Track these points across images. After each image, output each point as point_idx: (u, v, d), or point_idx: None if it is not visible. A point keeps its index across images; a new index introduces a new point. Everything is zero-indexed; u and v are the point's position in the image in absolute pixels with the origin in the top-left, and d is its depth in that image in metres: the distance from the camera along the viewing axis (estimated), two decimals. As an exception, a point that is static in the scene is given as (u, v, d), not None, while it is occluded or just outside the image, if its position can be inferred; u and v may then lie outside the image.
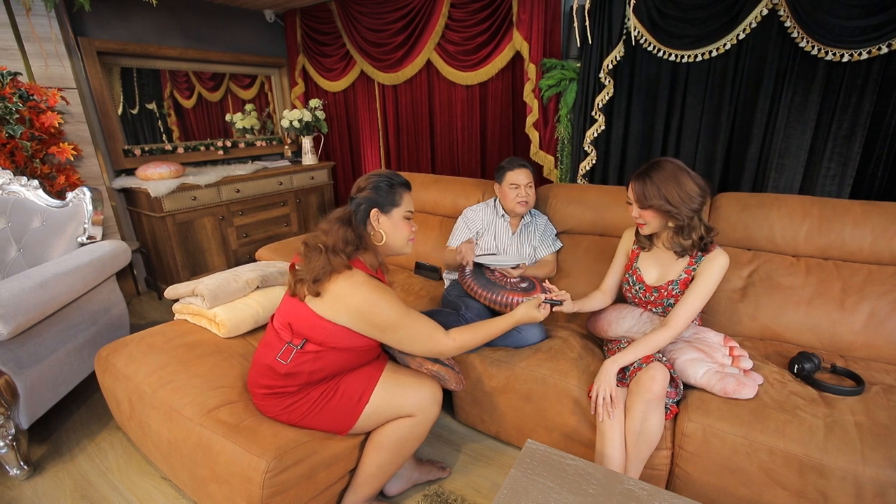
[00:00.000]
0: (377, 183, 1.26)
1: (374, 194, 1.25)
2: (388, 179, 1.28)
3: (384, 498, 1.48)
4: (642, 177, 1.38)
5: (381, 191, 1.26)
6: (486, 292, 1.64)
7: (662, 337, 1.36)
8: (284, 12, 3.76)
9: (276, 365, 1.22)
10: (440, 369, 1.38)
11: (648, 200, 1.37)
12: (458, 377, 1.43)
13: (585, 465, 1.07)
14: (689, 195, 1.34)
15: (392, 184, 1.28)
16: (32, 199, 2.06)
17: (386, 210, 1.26)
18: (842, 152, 1.96)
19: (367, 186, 1.26)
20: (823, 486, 1.13)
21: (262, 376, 1.26)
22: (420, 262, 2.40)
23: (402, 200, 1.29)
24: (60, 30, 2.60)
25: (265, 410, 1.26)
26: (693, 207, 1.35)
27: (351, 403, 1.24)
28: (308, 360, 1.21)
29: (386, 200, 1.26)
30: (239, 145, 3.72)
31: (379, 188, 1.26)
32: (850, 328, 1.53)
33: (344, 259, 1.16)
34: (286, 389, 1.23)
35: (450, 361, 1.47)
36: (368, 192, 1.25)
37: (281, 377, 1.22)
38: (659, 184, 1.35)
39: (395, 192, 1.28)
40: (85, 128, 2.76)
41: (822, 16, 1.81)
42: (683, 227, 1.39)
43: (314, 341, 1.20)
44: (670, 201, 1.34)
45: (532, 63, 2.61)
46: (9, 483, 1.57)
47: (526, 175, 1.89)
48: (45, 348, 1.63)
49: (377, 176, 1.28)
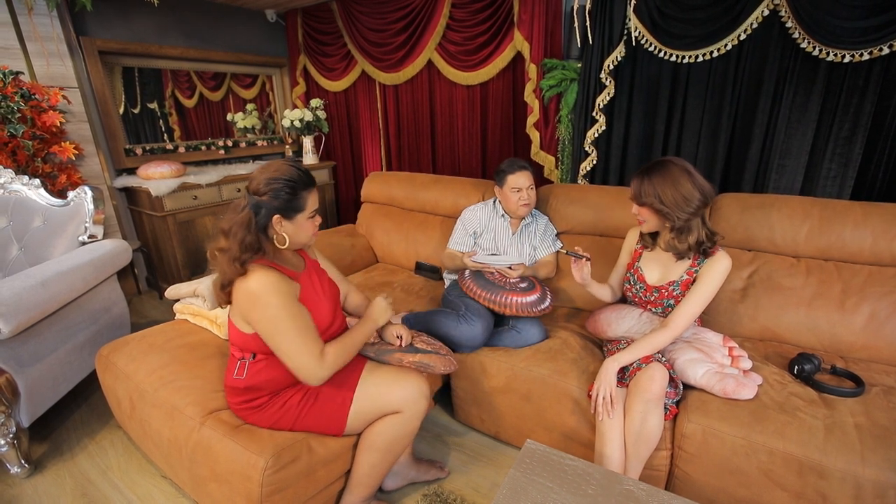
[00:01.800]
0: (277, 191, 1.14)
1: (274, 200, 1.14)
2: (290, 184, 1.15)
3: (381, 493, 1.48)
4: (642, 174, 1.39)
5: (282, 197, 1.14)
6: (484, 292, 1.64)
7: (663, 338, 1.36)
8: (286, 12, 3.76)
9: (234, 383, 1.23)
10: (422, 358, 1.34)
11: (643, 198, 1.38)
12: (444, 360, 1.38)
13: (585, 465, 1.07)
14: (685, 197, 1.32)
15: (294, 190, 1.16)
16: (34, 198, 2.07)
17: (289, 216, 1.17)
18: (843, 153, 1.96)
19: (267, 191, 1.14)
20: (823, 487, 1.13)
21: (230, 396, 1.27)
22: (420, 263, 2.40)
23: (307, 203, 1.19)
24: (62, 29, 2.61)
25: (258, 423, 1.24)
26: (688, 211, 1.33)
27: (335, 406, 1.24)
28: (261, 369, 1.20)
29: (288, 206, 1.16)
30: (240, 145, 3.72)
31: (279, 194, 1.14)
32: (850, 329, 1.53)
33: (239, 267, 1.10)
34: (256, 402, 1.23)
35: (431, 345, 1.44)
36: (268, 197, 1.14)
37: (243, 392, 1.22)
38: (655, 183, 1.35)
39: (298, 198, 1.17)
40: (86, 127, 2.77)
41: (824, 16, 1.81)
42: (681, 230, 1.38)
43: (256, 351, 1.19)
44: (663, 201, 1.34)
45: (533, 63, 2.61)
46: (9, 481, 1.57)
47: (527, 178, 1.89)
48: (45, 347, 1.63)
49: (277, 181, 1.14)
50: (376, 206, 2.74)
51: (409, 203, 2.58)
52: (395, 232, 2.56)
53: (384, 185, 2.69)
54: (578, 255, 1.49)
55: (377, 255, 2.67)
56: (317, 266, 1.36)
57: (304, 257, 1.33)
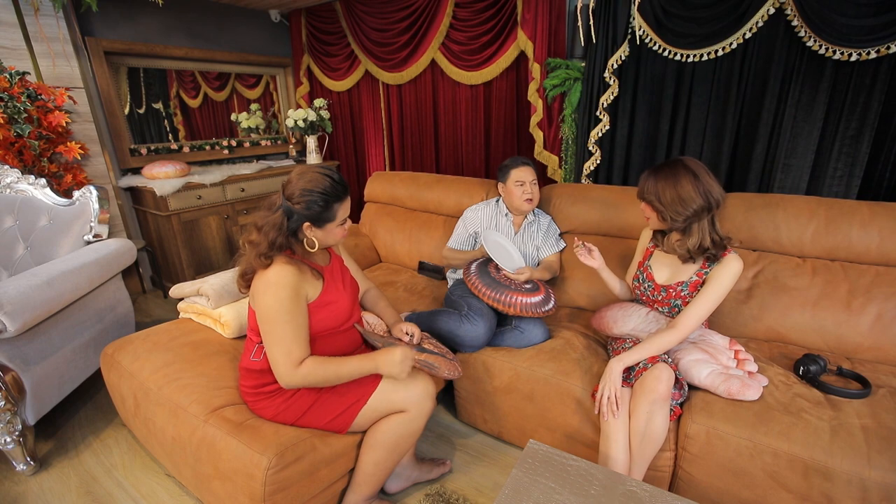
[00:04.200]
0: (310, 203, 1.17)
1: (306, 212, 1.17)
2: (324, 197, 1.18)
3: (385, 495, 1.48)
4: (651, 170, 1.40)
5: (315, 208, 1.17)
6: (490, 291, 1.63)
7: (669, 338, 1.35)
8: (289, 12, 3.77)
9: (251, 364, 1.26)
10: (427, 358, 1.34)
11: (644, 194, 1.40)
12: (450, 364, 1.39)
13: (587, 465, 1.07)
14: (682, 199, 1.31)
15: (327, 203, 1.18)
16: (40, 197, 2.08)
17: (320, 225, 1.21)
18: (849, 152, 1.94)
19: (301, 203, 1.17)
20: (828, 489, 1.12)
21: (244, 378, 1.30)
22: (423, 262, 2.40)
23: (338, 214, 1.22)
24: (68, 30, 2.63)
25: (263, 413, 1.26)
26: (684, 213, 1.32)
27: (348, 403, 1.24)
28: None
29: (320, 217, 1.20)
30: (244, 144, 3.73)
31: (312, 205, 1.17)
32: (856, 330, 1.51)
33: (265, 262, 1.15)
34: (269, 387, 1.25)
35: (439, 348, 1.45)
36: (301, 207, 1.17)
37: (258, 374, 1.25)
38: (658, 181, 1.36)
39: (331, 209, 1.20)
40: (92, 127, 2.79)
41: (830, 15, 1.79)
42: (683, 231, 1.38)
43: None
44: (661, 200, 1.34)
45: (536, 62, 2.60)
46: (15, 478, 1.59)
47: (531, 172, 1.89)
48: (51, 345, 1.65)
49: (311, 192, 1.17)
50: (379, 205, 2.74)
51: (412, 203, 2.58)
52: (399, 231, 2.56)
53: (387, 185, 2.69)
54: (588, 247, 1.56)
55: (380, 254, 2.67)
56: (341, 262, 1.41)
57: (330, 252, 1.39)
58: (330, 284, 1.27)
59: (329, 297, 1.25)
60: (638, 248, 1.66)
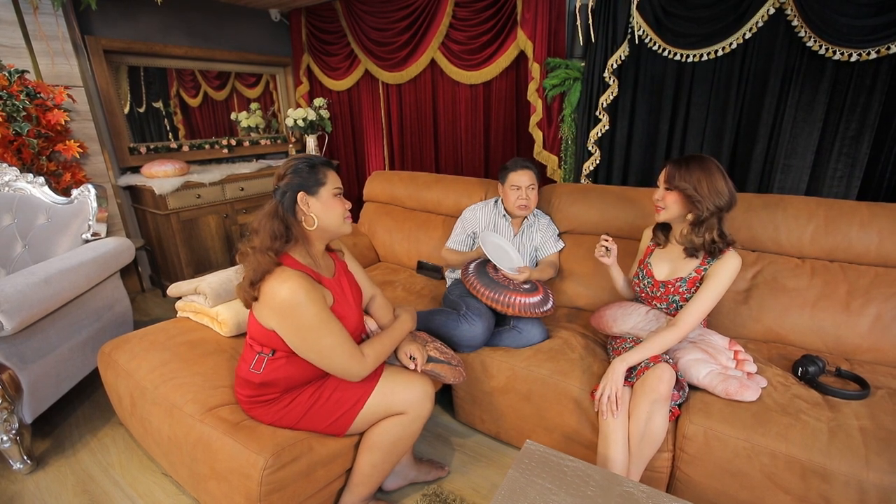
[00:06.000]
0: (296, 166, 1.19)
1: (295, 178, 1.17)
2: (308, 160, 1.20)
3: (381, 493, 1.48)
4: (679, 161, 1.41)
5: (303, 172, 1.18)
6: (488, 291, 1.63)
7: (670, 337, 1.35)
8: (289, 11, 3.77)
9: (250, 376, 1.22)
10: (434, 367, 1.36)
11: (676, 181, 1.39)
12: (455, 371, 1.40)
13: (584, 466, 1.06)
14: (718, 191, 1.35)
15: (312, 164, 1.20)
16: (38, 195, 2.08)
17: (312, 191, 1.18)
18: (849, 153, 1.94)
19: (287, 172, 1.18)
20: (826, 490, 1.11)
21: (241, 387, 1.27)
22: (422, 262, 2.40)
23: (328, 178, 1.21)
24: (67, 28, 2.63)
25: (260, 418, 1.25)
26: (717, 204, 1.36)
27: (347, 406, 1.23)
28: (280, 366, 1.19)
29: (310, 181, 1.18)
30: (244, 144, 3.73)
31: (299, 170, 1.18)
32: (855, 331, 1.51)
33: (272, 257, 1.11)
34: (267, 397, 1.23)
35: (446, 356, 1.45)
36: (289, 177, 1.18)
37: (257, 387, 1.22)
38: (693, 170, 1.37)
39: (318, 171, 1.19)
40: (91, 126, 2.79)
41: (831, 15, 1.79)
42: (701, 223, 1.38)
43: (277, 348, 1.18)
44: (697, 189, 1.36)
45: (536, 62, 2.60)
46: (12, 477, 1.58)
47: (529, 177, 1.87)
48: (48, 344, 1.64)
49: (295, 160, 1.21)
50: (378, 205, 2.74)
51: (411, 202, 2.57)
52: (398, 231, 2.56)
53: (387, 185, 2.69)
54: (608, 246, 1.59)
55: (379, 254, 2.67)
56: (345, 268, 1.37)
57: (335, 259, 1.33)
58: (338, 296, 1.23)
59: (338, 311, 1.21)
60: (640, 248, 1.68)
